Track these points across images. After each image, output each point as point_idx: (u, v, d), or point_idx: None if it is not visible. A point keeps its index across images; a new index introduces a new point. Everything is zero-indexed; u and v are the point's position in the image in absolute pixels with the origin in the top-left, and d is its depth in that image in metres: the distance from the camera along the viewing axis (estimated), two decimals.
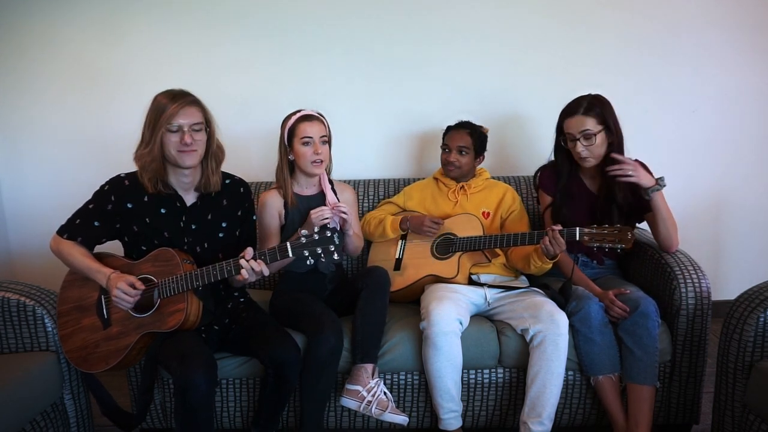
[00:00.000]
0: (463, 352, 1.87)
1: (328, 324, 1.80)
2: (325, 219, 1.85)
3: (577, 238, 1.82)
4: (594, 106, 1.94)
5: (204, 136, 1.72)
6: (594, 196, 2.06)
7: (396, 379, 1.97)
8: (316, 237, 1.59)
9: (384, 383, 1.92)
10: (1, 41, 2.62)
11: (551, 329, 1.80)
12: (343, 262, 2.33)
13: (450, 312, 1.84)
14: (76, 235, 1.76)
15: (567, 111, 2.00)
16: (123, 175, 1.78)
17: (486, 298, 2.05)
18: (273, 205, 2.03)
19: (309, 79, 2.64)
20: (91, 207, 1.77)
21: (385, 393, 1.87)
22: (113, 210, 1.75)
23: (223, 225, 1.84)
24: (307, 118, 1.98)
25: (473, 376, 1.95)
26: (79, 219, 1.77)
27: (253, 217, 1.94)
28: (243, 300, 1.95)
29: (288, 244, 1.61)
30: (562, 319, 1.82)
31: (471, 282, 2.10)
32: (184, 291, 1.67)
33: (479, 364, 1.93)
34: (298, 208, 2.04)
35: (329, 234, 1.59)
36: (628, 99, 2.01)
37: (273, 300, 2.07)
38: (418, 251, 2.19)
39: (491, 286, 2.08)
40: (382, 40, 2.61)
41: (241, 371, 1.92)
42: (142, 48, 2.62)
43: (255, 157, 2.63)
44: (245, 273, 1.63)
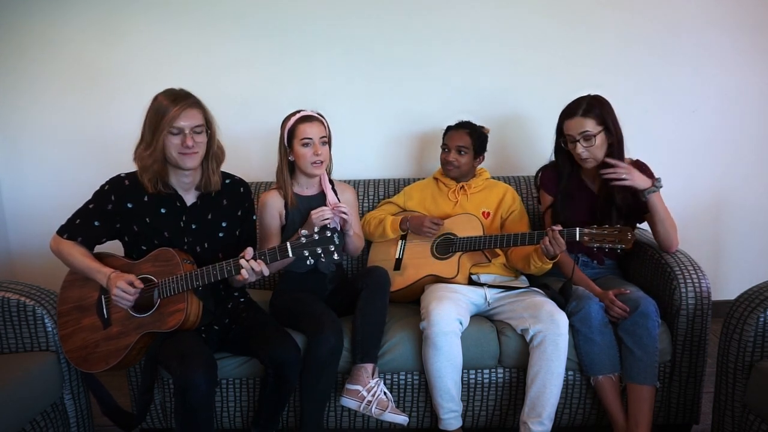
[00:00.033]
0: (463, 352, 1.87)
1: (328, 324, 1.80)
2: (326, 219, 1.85)
3: (577, 238, 1.82)
4: (593, 107, 1.94)
5: (205, 138, 1.72)
6: (595, 196, 2.06)
7: (396, 379, 1.97)
8: (316, 237, 1.59)
9: (384, 383, 1.92)
10: (1, 41, 2.62)
11: (551, 329, 1.80)
12: (344, 262, 2.33)
13: (450, 312, 1.84)
14: (76, 235, 1.76)
15: (566, 112, 1.99)
16: (123, 175, 1.78)
17: (486, 298, 2.05)
18: (273, 206, 2.03)
19: (309, 79, 2.64)
20: (91, 207, 1.77)
21: (385, 393, 1.87)
22: (113, 210, 1.75)
23: (223, 225, 1.84)
24: (307, 119, 1.97)
25: (473, 376, 1.95)
26: (79, 219, 1.77)
27: (253, 217, 1.94)
28: (243, 300, 1.95)
29: (288, 244, 1.61)
30: (562, 319, 1.82)
31: (471, 282, 2.10)
32: (184, 291, 1.67)
33: (479, 364, 1.93)
34: (298, 208, 2.03)
35: (329, 234, 1.59)
36: (628, 99, 2.01)
37: (273, 300, 2.07)
38: (418, 251, 2.19)
39: (491, 286, 2.09)
40: (382, 40, 2.61)
41: (241, 371, 1.92)
42: (142, 48, 2.62)
43: (255, 157, 2.63)
44: (245, 273, 1.63)
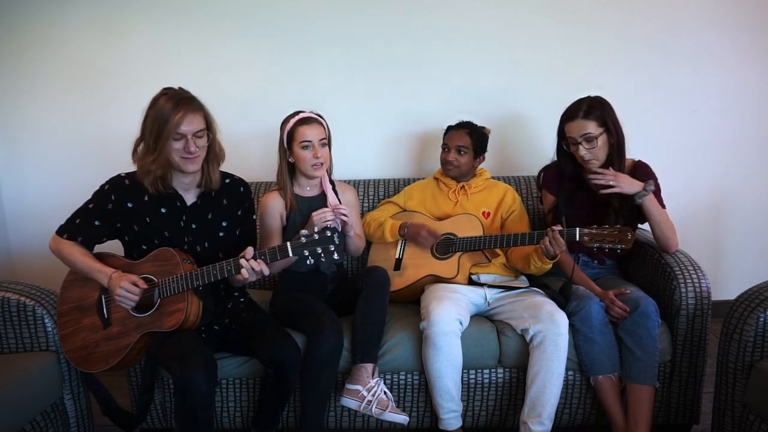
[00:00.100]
0: (463, 352, 1.87)
1: (328, 324, 1.80)
2: (327, 221, 1.85)
3: (577, 238, 1.82)
4: (593, 108, 1.94)
5: (206, 141, 1.72)
6: (595, 197, 2.06)
7: (396, 379, 1.97)
8: (316, 237, 1.59)
9: (384, 383, 1.92)
10: (1, 41, 2.62)
11: (551, 329, 1.80)
12: (344, 262, 2.33)
13: (450, 312, 1.84)
14: (76, 235, 1.76)
15: (567, 115, 1.99)
16: (123, 175, 1.78)
17: (486, 298, 2.05)
18: (274, 207, 2.03)
19: (309, 79, 2.64)
20: (91, 207, 1.76)
21: (386, 392, 1.86)
22: (113, 209, 1.75)
23: (224, 224, 1.84)
24: (306, 121, 1.96)
25: (473, 376, 1.95)
26: (79, 219, 1.76)
27: (254, 217, 1.94)
28: (243, 300, 1.95)
29: (288, 243, 1.61)
30: (562, 319, 1.82)
31: (471, 282, 2.10)
32: (184, 291, 1.67)
33: (479, 364, 1.93)
34: (299, 209, 2.03)
35: (329, 234, 1.59)
36: (628, 99, 2.01)
37: (273, 300, 2.07)
38: (418, 251, 2.19)
39: (491, 286, 2.08)
40: (382, 40, 2.61)
41: (241, 371, 1.92)
42: (142, 48, 2.62)
43: (255, 157, 2.63)
44: (245, 273, 1.63)
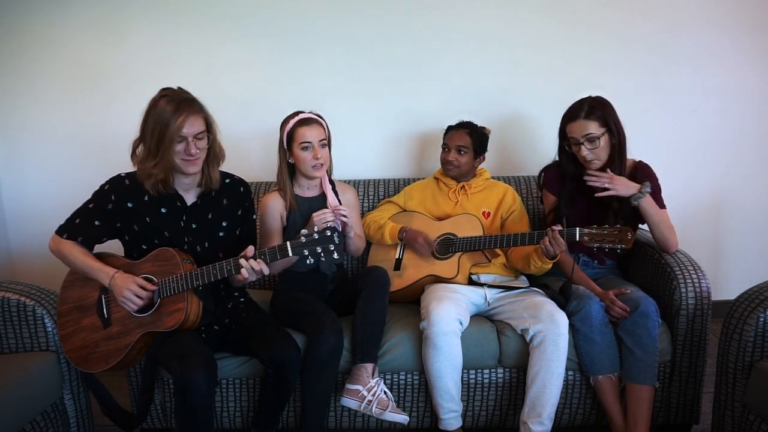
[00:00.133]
0: (463, 352, 1.87)
1: (328, 324, 1.80)
2: (327, 222, 1.85)
3: (577, 238, 1.82)
4: (595, 108, 1.94)
5: (206, 143, 1.72)
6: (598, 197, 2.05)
7: (396, 379, 1.97)
8: (315, 236, 1.59)
9: (384, 383, 1.92)
10: (1, 41, 2.62)
11: (551, 329, 1.80)
12: (344, 262, 2.33)
13: (450, 312, 1.84)
14: (76, 235, 1.76)
15: (568, 115, 1.99)
16: (123, 175, 1.78)
17: (486, 298, 2.05)
18: (275, 207, 2.03)
19: (309, 79, 2.64)
20: (91, 206, 1.76)
21: (386, 392, 1.86)
22: (113, 209, 1.75)
23: (224, 224, 1.84)
24: (306, 122, 1.95)
25: (473, 376, 1.95)
26: (79, 219, 1.76)
27: (254, 217, 1.94)
28: (243, 300, 1.95)
29: (288, 243, 1.61)
30: (562, 319, 1.82)
31: (471, 282, 2.10)
32: (184, 290, 1.67)
33: (479, 364, 1.93)
34: (299, 210, 2.03)
35: (329, 233, 1.59)
36: (628, 99, 2.01)
37: (273, 300, 2.07)
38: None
39: (491, 286, 2.08)
40: (382, 40, 2.61)
41: (241, 371, 1.92)
42: (142, 48, 2.62)
43: (255, 158, 2.63)
44: (245, 272, 1.63)
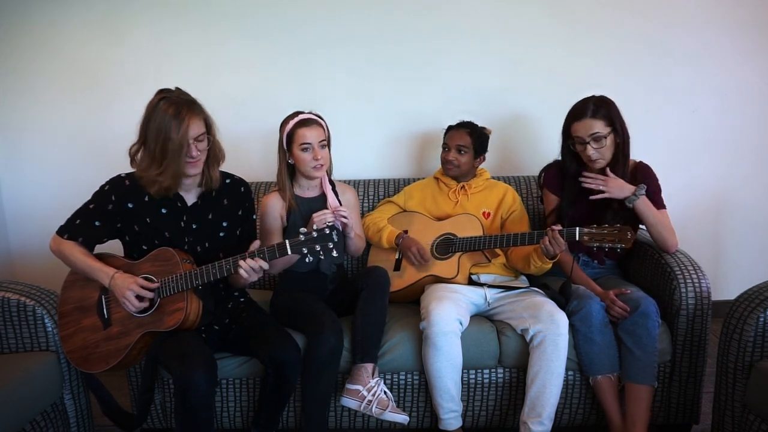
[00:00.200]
0: (463, 352, 1.87)
1: (328, 324, 1.80)
2: (327, 223, 1.84)
3: (577, 238, 1.82)
4: (600, 107, 1.93)
5: (206, 144, 1.71)
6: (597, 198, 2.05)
7: (396, 379, 1.97)
8: (315, 235, 1.59)
9: (384, 383, 1.92)
10: (1, 41, 2.62)
11: (551, 329, 1.80)
12: (344, 262, 2.33)
13: (450, 312, 1.84)
14: (76, 235, 1.76)
15: (573, 114, 1.98)
16: (123, 175, 1.78)
17: (486, 298, 2.05)
18: (275, 207, 2.02)
19: (309, 79, 2.64)
20: (92, 207, 1.76)
21: (386, 392, 1.86)
22: (114, 210, 1.75)
23: (224, 224, 1.84)
24: (305, 122, 1.94)
25: (473, 376, 1.95)
26: (80, 219, 1.76)
27: (254, 217, 1.94)
28: (243, 300, 1.95)
29: (287, 241, 1.61)
30: (561, 319, 1.82)
31: (471, 282, 2.10)
32: (183, 290, 1.67)
33: (479, 364, 1.93)
34: (299, 210, 2.03)
35: (328, 231, 1.59)
36: (628, 99, 2.01)
37: (273, 300, 2.07)
38: None
39: (491, 286, 2.08)
40: (382, 40, 2.61)
41: (241, 371, 1.92)
42: (141, 48, 2.62)
43: (255, 158, 2.64)
44: (243, 272, 1.63)
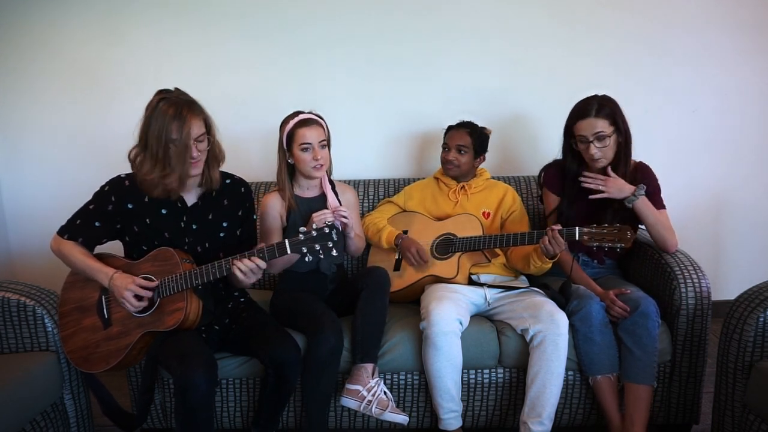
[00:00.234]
0: (463, 352, 1.87)
1: (328, 324, 1.80)
2: (327, 223, 1.84)
3: (577, 237, 1.82)
4: (604, 106, 1.93)
5: (207, 144, 1.71)
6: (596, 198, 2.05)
7: (396, 379, 1.97)
8: (314, 234, 1.59)
9: (384, 383, 1.92)
10: (1, 41, 2.62)
11: (551, 329, 1.80)
12: (344, 262, 2.33)
13: (450, 312, 1.84)
14: (77, 236, 1.76)
15: (577, 113, 1.97)
16: (123, 176, 1.78)
17: (486, 298, 2.05)
18: (274, 207, 2.02)
19: (309, 79, 2.64)
20: (92, 207, 1.76)
21: (386, 392, 1.86)
22: (114, 210, 1.75)
23: (224, 225, 1.84)
24: (305, 122, 1.94)
25: (473, 376, 1.95)
26: (80, 219, 1.77)
27: (254, 217, 1.94)
28: (243, 300, 1.96)
29: (286, 241, 1.60)
30: (561, 319, 1.82)
31: (471, 282, 2.10)
32: (183, 290, 1.67)
33: (479, 364, 1.93)
34: (299, 210, 2.03)
35: (327, 231, 1.58)
36: (628, 99, 2.01)
37: (273, 300, 2.07)
38: None
39: (491, 286, 2.08)
40: (382, 40, 2.61)
41: (241, 371, 1.92)
42: (142, 48, 2.62)
43: (255, 158, 2.64)
44: (238, 272, 1.63)
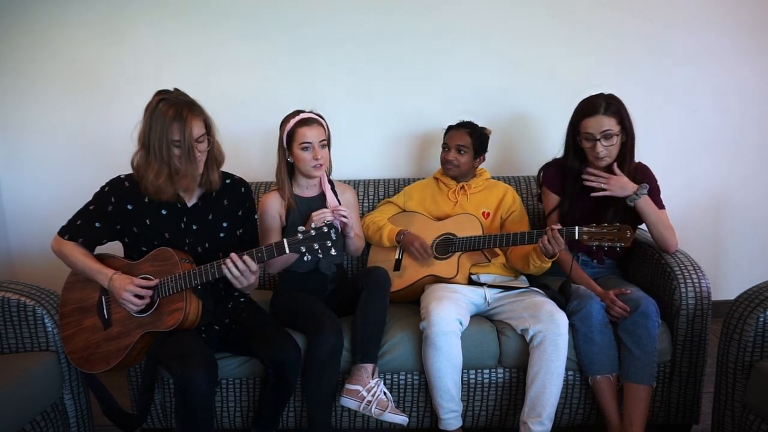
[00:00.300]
0: (463, 352, 1.87)
1: (327, 324, 1.80)
2: (327, 222, 1.84)
3: (576, 237, 1.82)
4: (612, 105, 1.94)
5: (206, 145, 1.72)
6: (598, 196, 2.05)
7: (396, 379, 1.97)
8: (313, 233, 1.58)
9: (384, 383, 1.92)
10: (1, 41, 2.62)
11: (551, 329, 1.80)
12: (344, 262, 2.33)
13: (450, 312, 1.84)
14: (77, 236, 1.76)
15: (585, 110, 1.96)
16: (123, 177, 1.78)
17: (486, 298, 2.05)
18: (274, 207, 2.02)
19: (309, 79, 2.64)
20: (92, 208, 1.77)
21: (385, 393, 1.86)
22: (113, 211, 1.75)
23: (224, 225, 1.84)
24: (306, 122, 1.94)
25: (473, 376, 1.95)
26: (80, 220, 1.77)
27: (255, 217, 1.94)
28: (243, 300, 1.95)
29: (285, 240, 1.60)
30: (561, 319, 1.82)
31: (471, 282, 2.10)
32: (182, 290, 1.67)
33: (479, 364, 1.93)
34: (298, 209, 2.03)
35: (326, 230, 1.58)
36: (628, 99, 2.01)
37: (273, 300, 2.07)
38: None
39: (491, 286, 2.08)
40: (382, 40, 2.61)
41: (241, 371, 1.92)
42: (141, 48, 2.62)
43: (255, 158, 2.64)
44: (226, 271, 1.63)
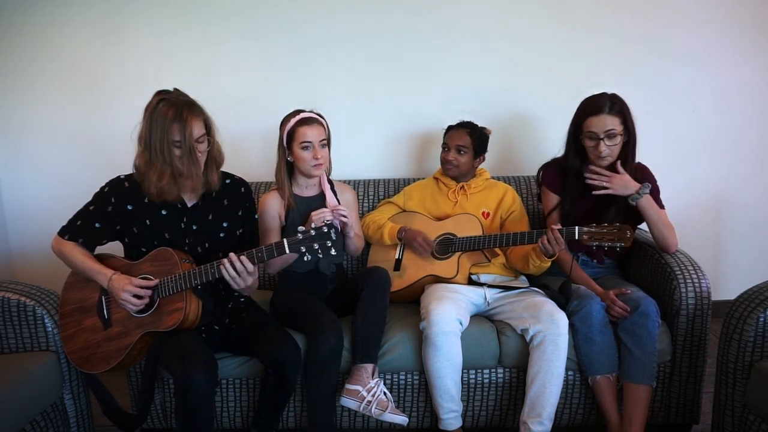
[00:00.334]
0: (463, 352, 1.87)
1: (327, 324, 1.80)
2: (326, 221, 1.84)
3: (576, 237, 1.82)
4: (616, 104, 1.94)
5: (206, 145, 1.72)
6: (597, 195, 2.05)
7: (396, 379, 1.97)
8: (312, 233, 1.58)
9: (384, 383, 1.92)
10: (1, 41, 2.62)
11: (551, 329, 1.80)
12: (344, 262, 2.33)
13: (450, 312, 1.84)
14: (77, 237, 1.77)
15: (589, 109, 1.96)
16: (122, 177, 1.78)
17: (486, 298, 2.05)
18: (273, 206, 2.02)
19: (309, 79, 2.64)
20: (92, 209, 1.77)
21: (385, 393, 1.86)
22: (113, 212, 1.75)
23: (224, 225, 1.84)
24: (306, 121, 1.94)
25: (473, 376, 1.95)
26: (80, 220, 1.77)
27: (255, 217, 1.94)
28: (243, 300, 1.95)
29: (285, 240, 1.60)
30: (561, 319, 1.82)
31: (471, 282, 2.10)
32: (182, 290, 1.67)
33: (479, 364, 1.93)
34: (298, 209, 2.03)
35: (326, 229, 1.58)
36: (628, 99, 2.01)
37: (273, 299, 2.07)
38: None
39: (491, 286, 2.08)
40: (382, 40, 2.61)
41: (241, 371, 1.92)
42: (141, 48, 2.62)
43: (255, 158, 2.64)
44: (224, 271, 1.63)
